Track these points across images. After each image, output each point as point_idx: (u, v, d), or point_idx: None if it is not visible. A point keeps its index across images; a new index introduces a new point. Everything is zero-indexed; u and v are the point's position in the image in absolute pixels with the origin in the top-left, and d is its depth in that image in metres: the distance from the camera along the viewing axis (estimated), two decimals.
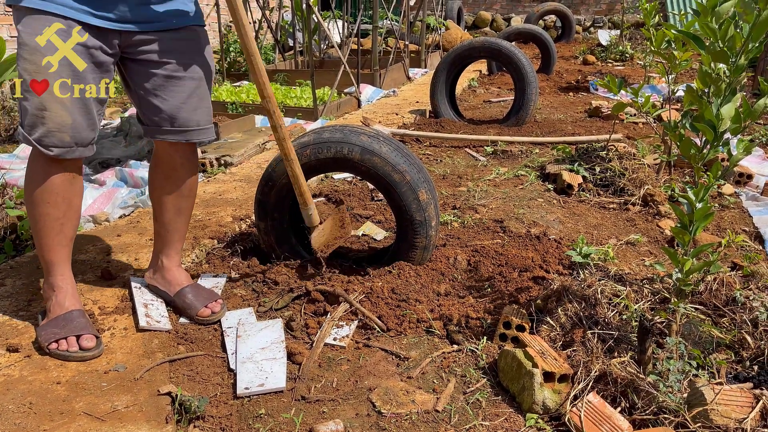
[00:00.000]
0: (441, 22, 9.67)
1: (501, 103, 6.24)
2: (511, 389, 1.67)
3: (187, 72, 1.86)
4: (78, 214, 1.85)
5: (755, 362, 1.70)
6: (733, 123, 1.53)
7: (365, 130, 2.21)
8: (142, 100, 1.87)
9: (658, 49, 3.23)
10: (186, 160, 1.98)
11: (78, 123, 1.71)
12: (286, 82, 6.55)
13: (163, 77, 1.83)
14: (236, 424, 1.56)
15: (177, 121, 1.87)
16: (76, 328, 1.79)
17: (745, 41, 1.46)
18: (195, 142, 1.95)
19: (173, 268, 2.09)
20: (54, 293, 1.86)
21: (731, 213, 3.15)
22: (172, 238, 2.06)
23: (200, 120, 1.92)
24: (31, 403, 1.57)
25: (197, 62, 1.88)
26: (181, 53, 1.84)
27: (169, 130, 1.88)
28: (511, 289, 2.13)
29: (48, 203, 1.76)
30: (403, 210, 2.17)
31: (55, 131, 1.68)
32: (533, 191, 3.30)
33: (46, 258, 1.84)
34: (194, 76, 1.88)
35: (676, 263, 1.65)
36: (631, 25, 11.78)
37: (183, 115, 1.87)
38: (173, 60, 1.82)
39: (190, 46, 1.86)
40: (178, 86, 1.85)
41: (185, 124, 1.89)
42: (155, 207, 2.04)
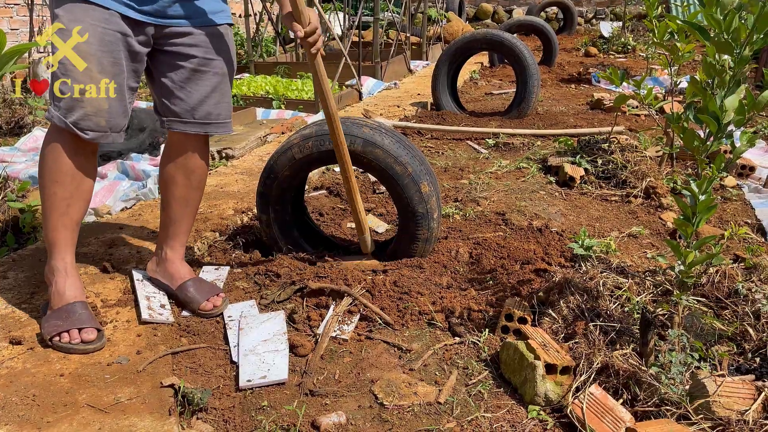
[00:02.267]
0: (442, 14, 9.62)
1: (503, 96, 6.22)
2: (513, 381, 1.67)
3: (212, 67, 1.92)
4: (86, 199, 1.87)
5: (757, 354, 1.70)
6: (737, 115, 1.53)
7: (367, 122, 2.20)
8: (165, 91, 1.91)
9: (660, 40, 3.22)
10: (200, 152, 2.01)
11: (114, 108, 1.77)
12: (287, 74, 6.53)
13: (190, 70, 1.89)
14: (239, 416, 1.57)
15: (198, 114, 1.92)
16: (78, 321, 1.79)
17: (749, 32, 1.45)
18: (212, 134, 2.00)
19: (176, 260, 2.09)
20: (54, 279, 1.86)
21: (734, 205, 3.15)
22: (178, 230, 2.07)
23: (221, 113, 1.98)
24: (34, 395, 1.58)
25: (223, 59, 1.95)
26: (208, 49, 1.90)
27: (190, 122, 1.93)
28: (513, 281, 2.13)
29: (57, 182, 1.79)
30: (405, 202, 2.16)
31: (92, 115, 1.74)
32: (535, 184, 3.30)
33: (50, 238, 1.85)
34: (218, 72, 1.94)
35: (678, 255, 1.65)
36: (633, 16, 11.73)
37: (205, 109, 1.93)
38: (201, 55, 1.89)
39: (217, 43, 1.92)
40: (202, 80, 1.91)
41: (206, 117, 1.94)
42: (164, 198, 2.05)
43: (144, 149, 3.83)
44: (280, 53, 7.70)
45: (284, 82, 5.81)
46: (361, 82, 5.99)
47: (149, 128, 3.77)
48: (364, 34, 8.07)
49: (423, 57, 8.40)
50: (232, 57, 1.99)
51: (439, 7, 9.43)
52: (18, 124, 4.42)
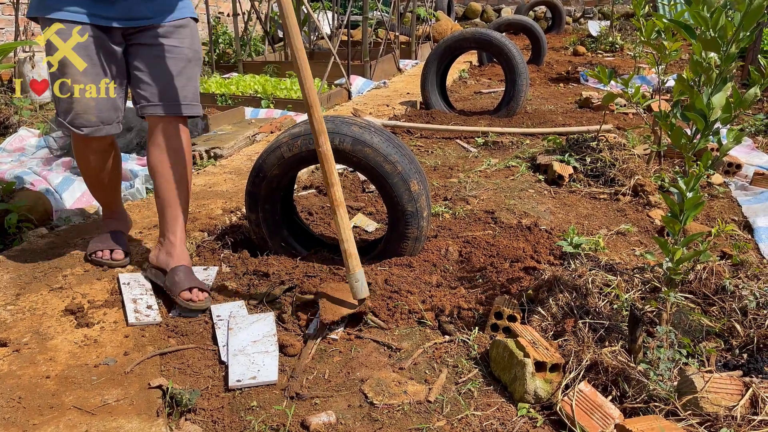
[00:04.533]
0: (431, 13, 9.63)
1: (492, 94, 6.23)
2: (503, 379, 1.67)
3: (177, 54, 2.10)
4: (116, 171, 2.28)
5: (744, 350, 1.71)
6: (723, 112, 1.53)
7: (356, 120, 2.19)
8: (135, 80, 2.09)
9: (648, 39, 3.24)
10: (178, 131, 2.14)
11: (101, 104, 2.02)
12: (276, 73, 6.50)
13: (156, 57, 2.07)
14: (228, 416, 1.56)
15: (167, 96, 2.08)
16: (112, 244, 2.25)
17: (736, 30, 1.46)
18: (185, 115, 2.13)
19: (178, 243, 2.14)
20: (106, 221, 2.36)
21: (720, 202, 3.17)
22: (175, 212, 2.15)
23: (187, 95, 2.13)
24: (20, 398, 1.56)
25: (186, 46, 2.12)
26: (171, 39, 2.09)
27: (160, 105, 2.08)
28: (502, 279, 2.13)
29: (86, 175, 2.24)
30: (394, 201, 2.16)
31: (81, 113, 2.00)
32: (524, 182, 3.31)
33: (100, 202, 2.38)
34: (183, 57, 2.11)
35: (666, 252, 1.66)
36: (621, 15, 11.79)
37: (173, 91, 2.09)
38: (165, 43, 2.07)
39: (180, 33, 2.10)
40: (168, 65, 2.08)
41: (174, 99, 2.09)
42: (156, 183, 2.15)
43: (131, 149, 3.80)
44: (268, 52, 7.66)
45: (273, 82, 5.78)
46: (350, 81, 5.97)
47: (136, 128, 3.74)
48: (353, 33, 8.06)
49: (412, 56, 8.40)
50: (196, 45, 2.16)
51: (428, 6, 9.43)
52: (3, 125, 4.37)
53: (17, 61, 5.56)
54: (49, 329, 1.86)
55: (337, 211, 1.87)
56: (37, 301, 2.00)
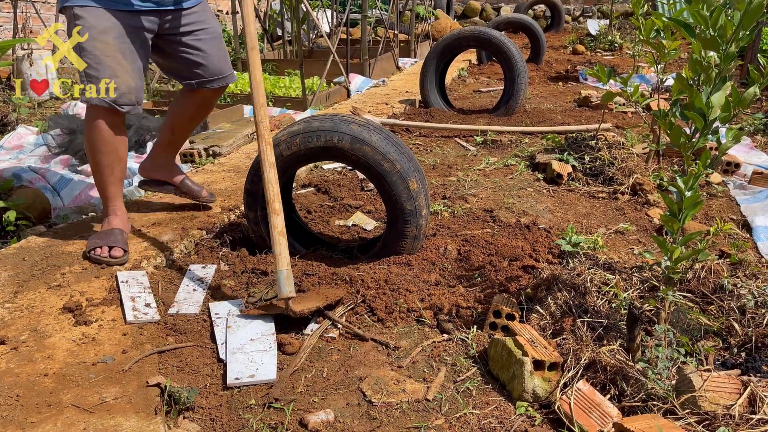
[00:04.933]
0: (430, 11, 9.62)
1: (491, 93, 6.23)
2: (501, 378, 1.67)
3: (213, 33, 2.47)
4: (124, 161, 2.37)
5: (743, 349, 1.71)
6: (723, 111, 1.53)
7: (355, 119, 2.19)
8: (189, 63, 2.42)
9: (647, 38, 3.24)
10: (217, 97, 2.60)
11: (138, 86, 2.27)
12: (275, 71, 6.50)
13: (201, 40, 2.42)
14: (226, 414, 1.56)
15: (216, 70, 2.48)
16: (111, 241, 2.25)
17: (735, 29, 1.46)
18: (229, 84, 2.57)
19: (172, 161, 2.68)
20: (107, 219, 2.37)
21: (719, 201, 3.18)
22: (179, 141, 2.66)
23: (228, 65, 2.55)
24: (18, 396, 1.55)
25: (214, 25, 2.49)
26: (204, 20, 2.43)
27: (214, 79, 2.48)
28: (501, 278, 2.13)
29: (101, 152, 2.28)
30: (393, 199, 2.16)
31: (125, 93, 2.22)
32: (523, 181, 3.31)
33: (104, 194, 2.39)
34: (219, 34, 2.50)
35: (665, 251, 1.66)
36: (620, 14, 11.79)
37: (220, 65, 2.50)
38: (203, 26, 2.41)
39: (205, 13, 2.45)
40: (212, 43, 2.45)
41: (221, 71, 2.50)
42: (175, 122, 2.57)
43: (130, 147, 3.79)
44: (267, 50, 7.66)
45: (272, 80, 5.77)
46: (349, 79, 5.97)
47: (135, 126, 3.73)
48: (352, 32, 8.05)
49: (411, 54, 8.39)
50: (217, 20, 2.53)
51: (427, 5, 9.43)
52: (1, 122, 4.36)
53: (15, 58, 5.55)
54: (47, 327, 1.86)
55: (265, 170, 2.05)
56: (35, 299, 2.00)
